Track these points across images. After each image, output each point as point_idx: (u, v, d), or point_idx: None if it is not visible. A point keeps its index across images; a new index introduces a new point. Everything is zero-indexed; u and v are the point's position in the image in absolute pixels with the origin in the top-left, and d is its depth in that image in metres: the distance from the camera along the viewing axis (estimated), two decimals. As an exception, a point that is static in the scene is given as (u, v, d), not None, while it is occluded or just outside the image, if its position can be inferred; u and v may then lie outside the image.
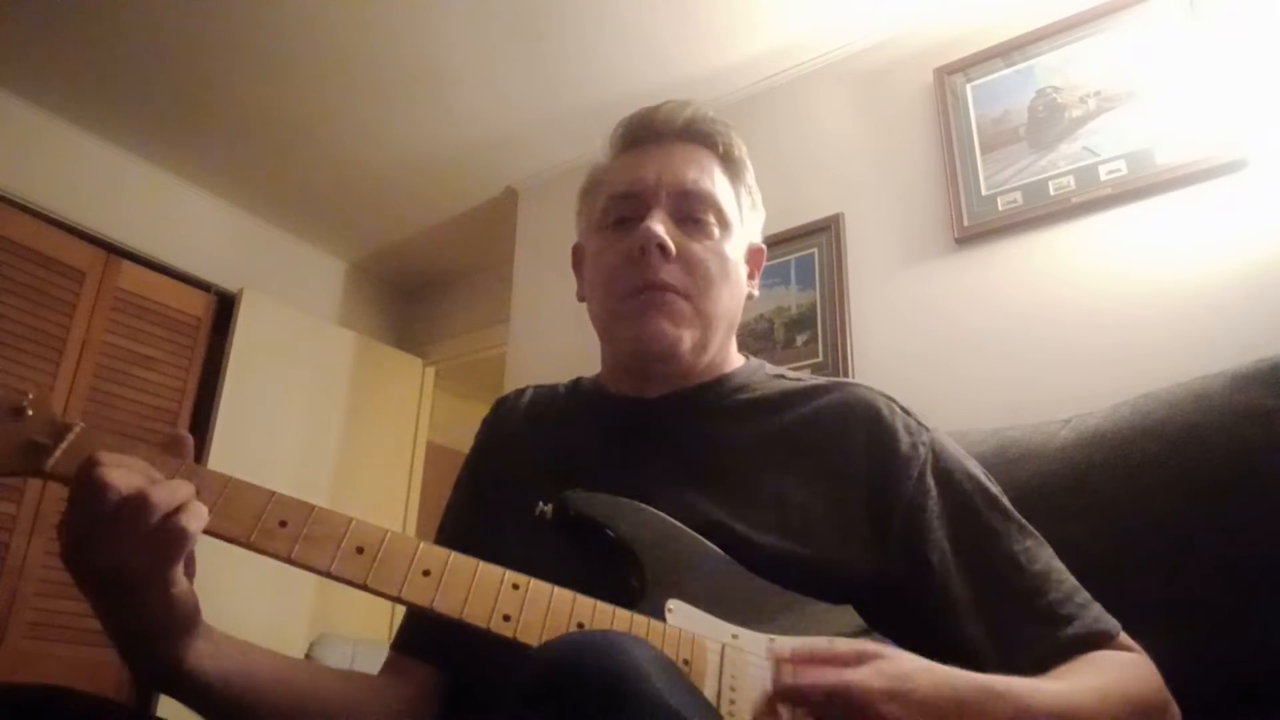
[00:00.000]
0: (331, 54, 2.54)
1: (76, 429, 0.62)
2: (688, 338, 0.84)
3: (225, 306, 3.16)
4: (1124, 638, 0.74)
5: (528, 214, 3.03)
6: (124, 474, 0.57)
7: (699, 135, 0.90)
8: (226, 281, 3.19)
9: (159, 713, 0.82)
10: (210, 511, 0.60)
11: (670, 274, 0.83)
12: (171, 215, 3.13)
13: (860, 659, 0.56)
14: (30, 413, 0.61)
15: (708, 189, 0.87)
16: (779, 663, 0.56)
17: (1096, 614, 0.74)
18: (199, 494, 0.60)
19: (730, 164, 0.91)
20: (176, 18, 2.41)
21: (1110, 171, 1.84)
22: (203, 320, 3.11)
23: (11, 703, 0.62)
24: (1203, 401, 1.01)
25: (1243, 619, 0.90)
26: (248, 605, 2.73)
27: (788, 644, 0.65)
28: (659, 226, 0.83)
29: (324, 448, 3.23)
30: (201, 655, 0.64)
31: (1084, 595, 0.76)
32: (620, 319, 0.86)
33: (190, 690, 0.64)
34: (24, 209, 2.72)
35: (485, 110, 2.74)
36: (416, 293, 3.92)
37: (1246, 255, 1.65)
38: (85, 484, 0.57)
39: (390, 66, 2.58)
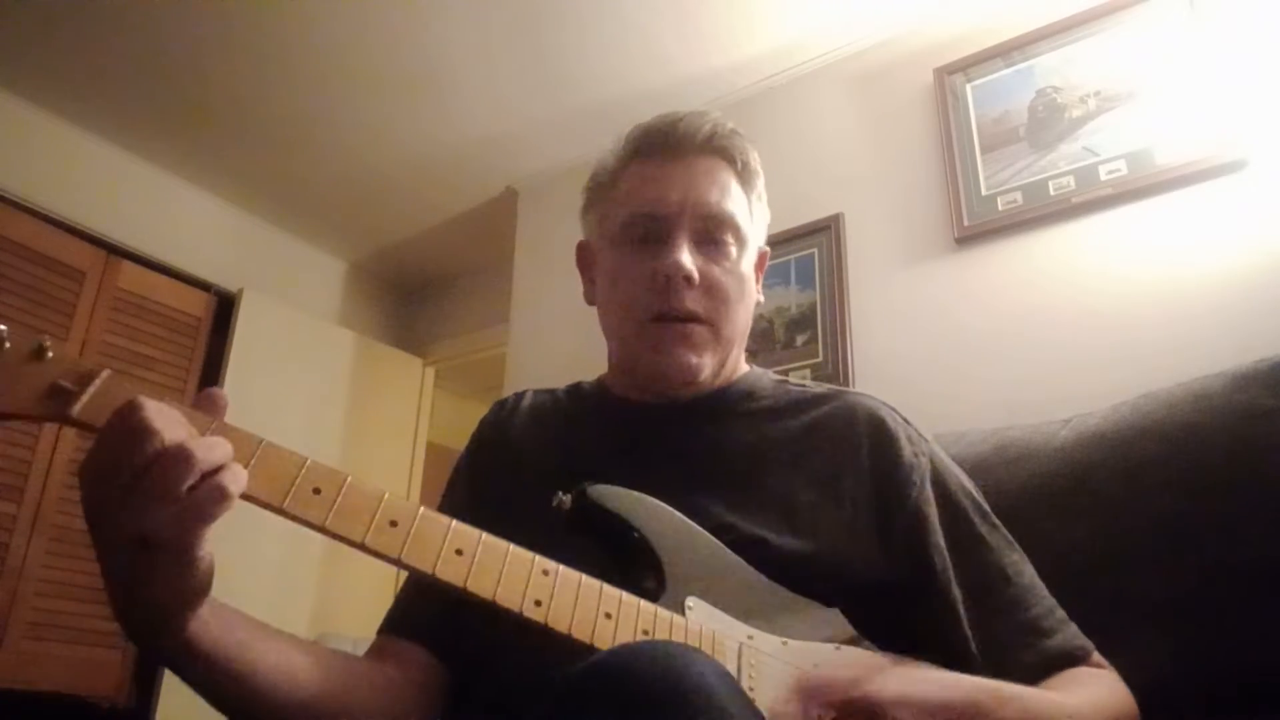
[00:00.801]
0: (331, 54, 2.54)
1: (104, 374, 0.57)
2: (709, 365, 0.86)
3: (225, 306, 3.15)
4: (1098, 656, 0.78)
5: (528, 214, 3.03)
6: (167, 423, 0.53)
7: (719, 149, 0.91)
8: (226, 281, 3.19)
9: (157, 717, 0.81)
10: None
11: (694, 301, 0.84)
12: (171, 215, 3.13)
13: (869, 673, 0.58)
14: (51, 354, 0.56)
15: (729, 211, 0.88)
16: (801, 672, 0.59)
17: (1075, 631, 0.78)
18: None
19: (746, 175, 0.93)
20: (176, 18, 2.41)
21: (1110, 171, 1.84)
22: (203, 320, 3.11)
23: (11, 706, 0.61)
24: (1203, 401, 1.01)
25: (1243, 619, 0.90)
26: (248, 604, 2.72)
27: (805, 651, 0.66)
28: (686, 257, 0.84)
29: (324, 448, 3.23)
30: (205, 628, 0.61)
31: (1062, 612, 0.79)
32: (641, 344, 0.87)
33: (188, 664, 0.61)
34: (24, 209, 2.72)
35: (485, 110, 2.74)
36: (416, 293, 3.91)
37: (1246, 255, 1.65)
38: (123, 429, 0.52)
39: (390, 66, 2.58)
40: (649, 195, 0.88)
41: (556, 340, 2.66)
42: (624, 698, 0.46)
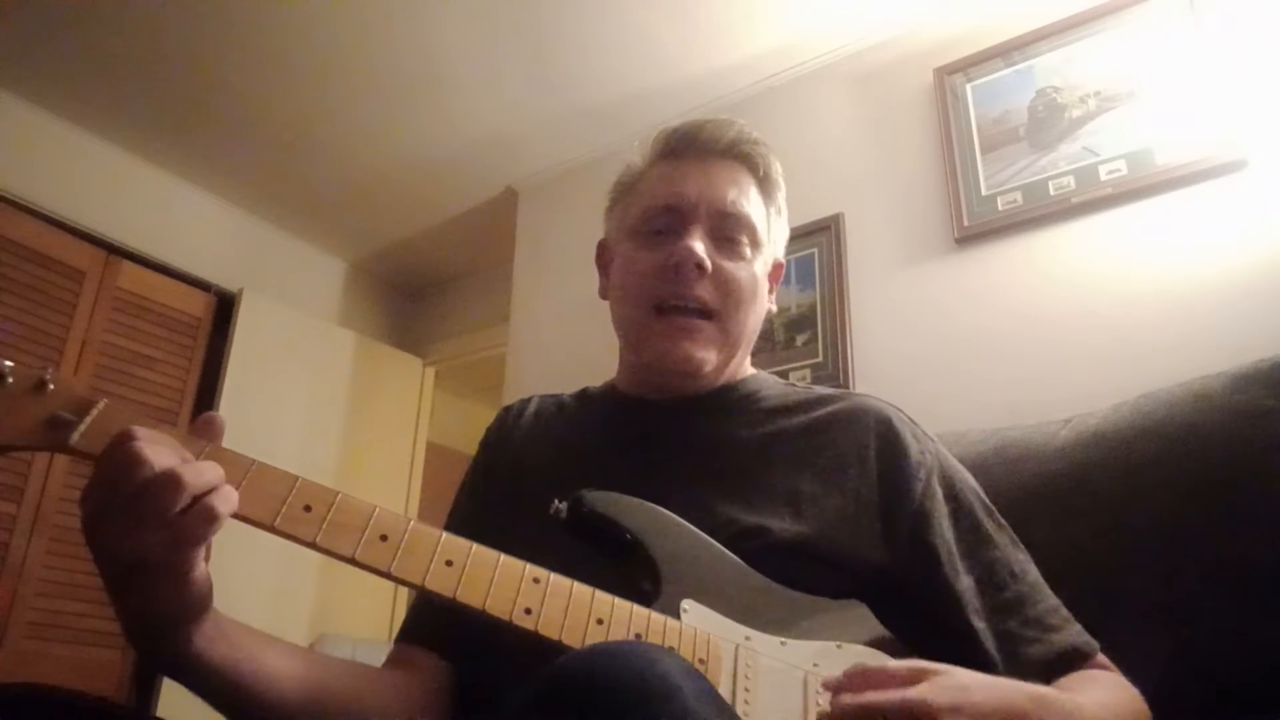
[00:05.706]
0: (331, 54, 2.54)
1: (101, 404, 0.60)
2: (713, 359, 0.87)
3: (225, 306, 3.16)
4: (1103, 657, 0.78)
5: (528, 214, 3.03)
6: (158, 450, 0.56)
7: (741, 155, 0.92)
8: (226, 281, 3.19)
9: (158, 714, 0.81)
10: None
11: (704, 290, 0.85)
12: (171, 215, 3.13)
13: (918, 676, 0.58)
14: (52, 387, 0.59)
15: (745, 211, 0.89)
16: (838, 685, 0.57)
17: (1080, 629, 0.78)
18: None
19: (767, 185, 0.94)
20: (176, 18, 2.41)
21: (1110, 171, 1.84)
22: (203, 320, 3.11)
23: (11, 703, 0.62)
24: (1202, 401, 1.01)
25: (1243, 619, 0.90)
26: (248, 605, 2.72)
27: (835, 664, 0.66)
28: (698, 244, 0.85)
29: (324, 448, 3.23)
30: (210, 642, 0.63)
31: (1066, 612, 0.79)
32: (647, 336, 0.88)
33: (195, 676, 0.63)
34: (24, 209, 2.72)
35: (485, 110, 2.74)
36: (416, 293, 3.91)
37: (1246, 255, 1.65)
38: (116, 458, 0.55)
39: (390, 66, 2.58)
40: (667, 190, 0.90)
41: (556, 340, 2.66)
42: (588, 698, 0.46)
